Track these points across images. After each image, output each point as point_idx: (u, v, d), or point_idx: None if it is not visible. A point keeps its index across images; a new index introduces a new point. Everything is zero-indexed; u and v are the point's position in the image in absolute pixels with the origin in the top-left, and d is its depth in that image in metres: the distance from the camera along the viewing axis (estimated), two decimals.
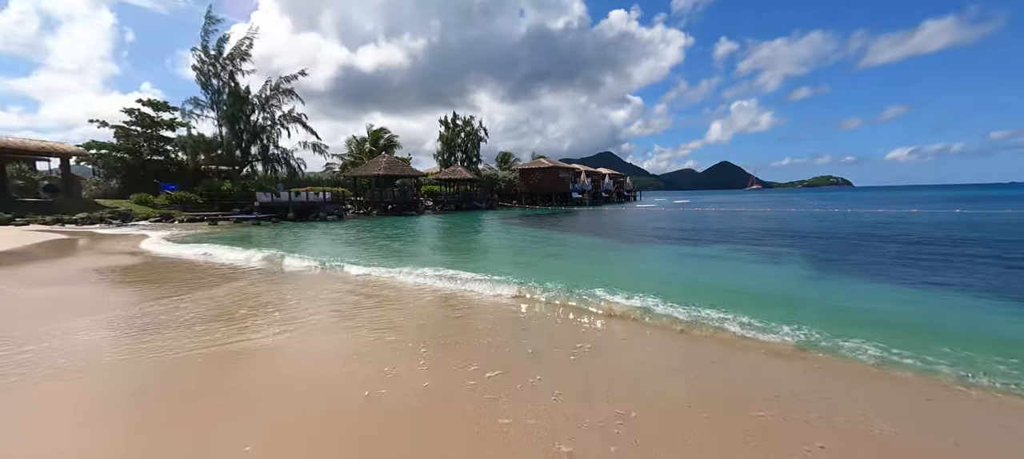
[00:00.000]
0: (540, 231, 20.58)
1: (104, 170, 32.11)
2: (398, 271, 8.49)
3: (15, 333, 5.04)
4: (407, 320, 5.66)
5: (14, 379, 3.72)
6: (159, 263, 10.43)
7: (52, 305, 6.52)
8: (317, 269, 9.32)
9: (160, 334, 4.99)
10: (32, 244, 13.81)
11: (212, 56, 32.20)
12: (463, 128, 55.83)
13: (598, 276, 8.14)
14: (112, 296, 7.22)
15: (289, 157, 37.77)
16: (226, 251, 11.56)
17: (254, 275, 8.86)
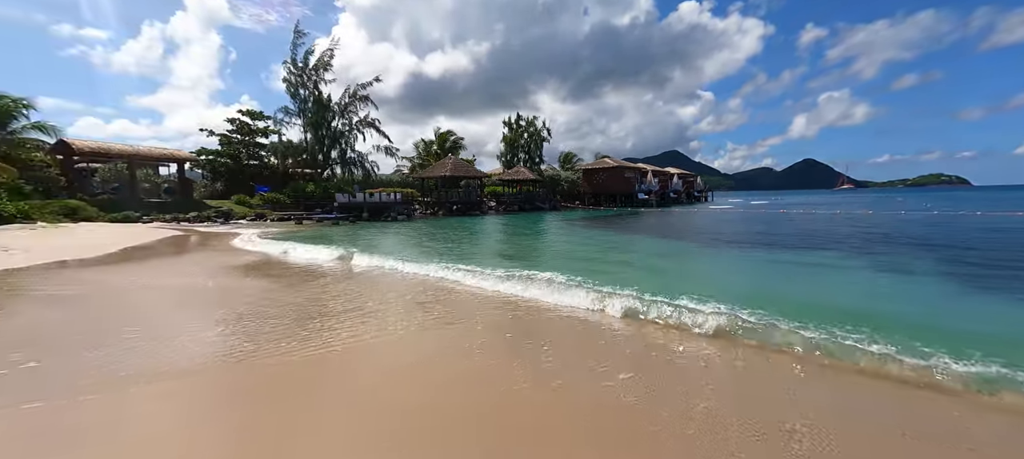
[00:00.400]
0: (610, 234, 19.78)
1: (210, 174, 36.15)
2: (475, 272, 8.36)
3: (134, 327, 5.51)
4: (502, 323, 5.49)
5: (124, 374, 3.98)
6: (262, 261, 11.28)
7: (170, 300, 7.16)
8: (403, 272, 9.35)
9: (260, 326, 5.20)
10: (156, 240, 15.73)
11: (300, 67, 35.04)
12: (526, 129, 55.83)
13: (686, 284, 7.43)
14: (216, 294, 7.82)
15: (364, 160, 40.07)
16: (321, 252, 11.86)
17: (358, 278, 9.14)
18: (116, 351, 4.42)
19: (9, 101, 24.21)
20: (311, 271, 9.58)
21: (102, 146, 28.41)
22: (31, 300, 6.87)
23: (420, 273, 8.96)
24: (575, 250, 14.22)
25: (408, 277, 8.78)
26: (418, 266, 9.42)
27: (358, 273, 9.25)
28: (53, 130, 26.05)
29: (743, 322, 5.09)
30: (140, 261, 11.06)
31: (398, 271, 9.31)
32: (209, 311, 6.29)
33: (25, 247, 11.43)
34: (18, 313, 6.16)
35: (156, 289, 7.87)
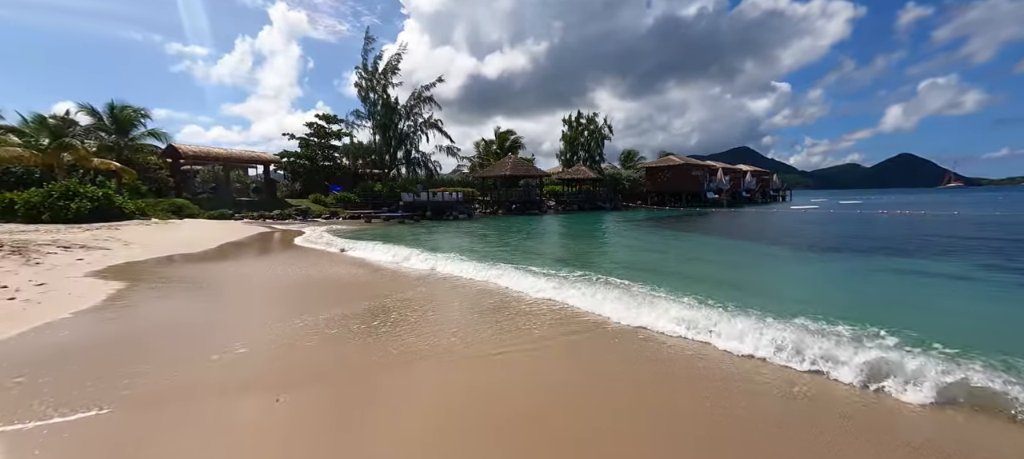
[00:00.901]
0: (684, 235, 18.53)
1: (291, 174, 39.04)
2: (540, 277, 7.85)
3: (220, 330, 5.70)
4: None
5: (220, 378, 4.01)
6: (343, 261, 11.72)
7: (258, 297, 7.49)
8: (468, 277, 9.07)
9: (344, 331, 5.18)
10: (247, 237, 17.07)
11: (370, 72, 36.80)
12: (586, 126, 54.60)
13: (812, 306, 5.93)
14: (304, 292, 8.10)
15: (427, 160, 41.28)
16: (391, 252, 11.85)
17: (427, 281, 9.20)
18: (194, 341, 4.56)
19: (131, 111, 27.77)
20: (385, 272, 9.71)
21: (203, 150, 31.65)
22: (155, 287, 7.52)
23: (482, 278, 8.45)
24: (647, 256, 13.19)
25: (473, 283, 8.28)
26: (481, 269, 8.96)
27: (426, 276, 9.22)
28: (164, 136, 29.49)
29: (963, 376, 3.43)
30: (234, 258, 11.94)
31: (462, 277, 8.84)
32: (297, 308, 6.46)
33: (143, 242, 12.78)
34: (143, 299, 6.72)
35: (249, 286, 8.32)
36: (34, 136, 22.69)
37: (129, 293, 6.94)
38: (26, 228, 14.82)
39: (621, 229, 22.71)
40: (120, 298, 6.54)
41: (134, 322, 5.56)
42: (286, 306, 6.75)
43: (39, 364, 4.00)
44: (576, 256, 12.91)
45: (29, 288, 6.47)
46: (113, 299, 6.42)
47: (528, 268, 8.75)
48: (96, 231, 14.17)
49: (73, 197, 18.24)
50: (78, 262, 9.03)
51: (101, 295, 6.54)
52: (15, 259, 8.66)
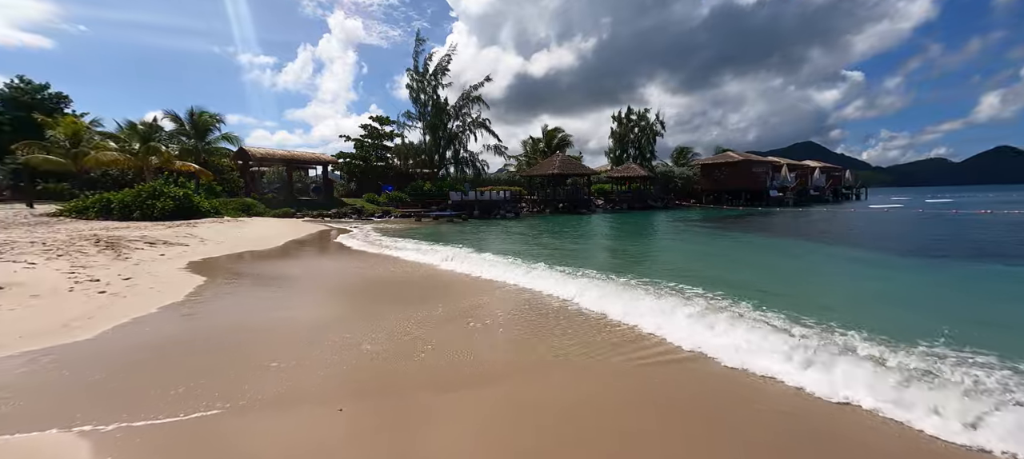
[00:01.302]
0: (755, 238, 17.19)
1: (347, 174, 40.79)
2: (593, 286, 7.20)
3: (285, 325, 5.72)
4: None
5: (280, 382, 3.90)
6: (396, 262, 11.84)
7: (320, 295, 7.58)
8: (516, 284, 8.57)
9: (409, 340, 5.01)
10: (308, 234, 17.83)
11: (420, 74, 37.64)
12: (637, 123, 52.79)
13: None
14: (366, 293, 8.13)
15: (475, 159, 41.63)
16: (442, 252, 11.71)
17: (492, 290, 8.90)
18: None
19: (208, 116, 30.18)
20: (441, 276, 9.61)
21: (268, 152, 33.76)
22: (229, 282, 7.87)
23: (543, 288, 7.45)
24: (718, 262, 12.07)
25: (537, 297, 7.15)
26: (537, 276, 8.14)
27: (485, 283, 8.99)
28: (236, 140, 31.75)
29: None
30: (299, 257, 12.41)
31: (517, 285, 7.93)
32: (359, 310, 6.43)
33: (217, 239, 13.63)
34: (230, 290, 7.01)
35: (313, 287, 8.50)
36: (127, 141, 25.14)
37: (205, 289, 7.26)
38: (119, 225, 16.35)
39: (679, 230, 21.50)
40: (197, 295, 6.82)
41: (207, 321, 5.72)
42: (348, 307, 6.77)
43: (124, 363, 4.13)
44: (635, 261, 12.21)
45: (117, 282, 6.92)
46: (191, 297, 6.70)
47: (585, 274, 8.26)
48: (177, 228, 15.33)
49: (158, 197, 19.96)
50: (160, 257, 9.68)
51: (180, 291, 6.87)
52: (108, 254, 9.41)
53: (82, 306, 5.52)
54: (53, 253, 8.97)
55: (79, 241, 10.76)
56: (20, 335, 4.43)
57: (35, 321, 4.83)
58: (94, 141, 26.08)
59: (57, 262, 8.07)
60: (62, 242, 10.53)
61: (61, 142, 24.72)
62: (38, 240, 10.77)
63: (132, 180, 24.35)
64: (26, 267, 7.41)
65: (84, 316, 5.14)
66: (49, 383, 3.56)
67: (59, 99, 34.79)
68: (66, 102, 35.19)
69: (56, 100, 34.49)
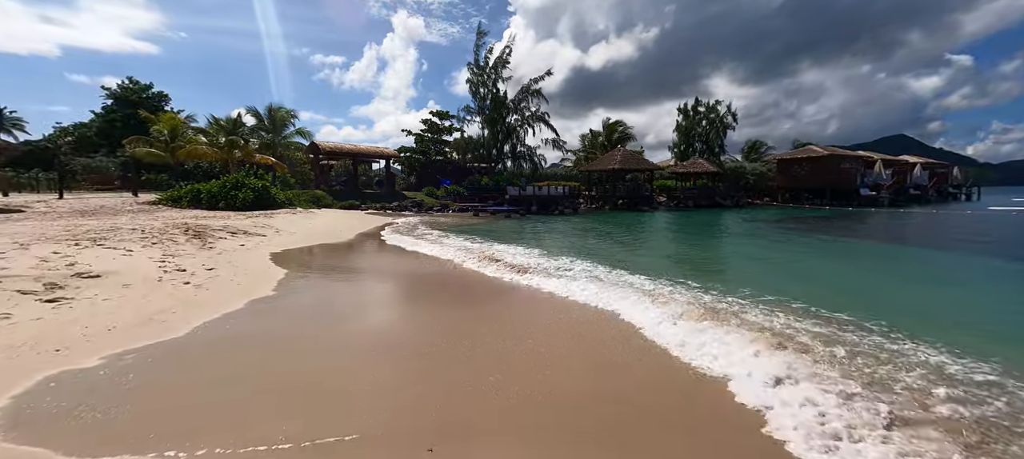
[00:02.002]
0: (869, 247, 15.07)
1: (407, 168, 41.82)
2: (669, 302, 6.23)
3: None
4: None
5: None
6: (465, 271, 11.49)
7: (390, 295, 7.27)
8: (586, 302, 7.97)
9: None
10: (375, 227, 18.13)
11: (480, 67, 37.55)
12: (705, 115, 49.40)
13: None
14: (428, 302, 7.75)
15: (533, 154, 40.99)
16: (510, 253, 10.90)
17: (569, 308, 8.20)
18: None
19: (284, 112, 32.09)
20: (520, 290, 9.04)
21: (337, 146, 35.35)
22: (306, 277, 7.85)
23: (597, 303, 6.31)
24: (829, 276, 10.04)
25: (582, 308, 6.23)
26: (594, 288, 6.96)
27: (557, 299, 8.30)
28: (308, 134, 33.50)
29: None
30: (371, 252, 12.47)
31: (573, 299, 6.70)
32: (439, 325, 6.01)
33: (291, 229, 14.10)
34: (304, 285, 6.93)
35: (391, 289, 8.28)
36: (215, 135, 27.24)
37: (287, 283, 7.18)
38: (207, 214, 17.57)
39: (766, 233, 19.20)
40: (280, 291, 6.70)
41: (290, 323, 5.52)
42: (433, 321, 6.34)
43: (212, 376, 3.92)
44: (723, 269, 10.92)
45: (202, 273, 7.04)
46: (274, 292, 6.60)
47: (671, 290, 7.25)
48: (255, 218, 16.13)
49: (240, 188, 21.32)
50: (240, 248, 9.99)
51: (263, 285, 6.83)
52: (195, 243, 9.84)
53: (169, 298, 5.54)
54: (148, 241, 9.49)
55: (171, 229, 11.45)
56: (109, 328, 4.40)
57: (125, 313, 4.84)
58: (188, 136, 28.57)
59: (151, 250, 8.46)
60: (157, 230, 11.25)
61: (161, 137, 27.28)
62: (138, 227, 11.61)
63: (219, 172, 26.37)
64: (124, 254, 7.79)
65: (170, 309, 5.12)
66: (132, 392, 3.37)
67: (160, 98, 38.70)
68: (166, 100, 39.09)
69: (158, 99, 38.39)
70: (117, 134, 32.45)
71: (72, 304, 4.84)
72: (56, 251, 7.41)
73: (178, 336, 4.43)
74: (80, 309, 4.74)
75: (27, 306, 4.65)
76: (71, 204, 19.92)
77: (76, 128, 36.99)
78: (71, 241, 8.72)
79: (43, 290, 5.13)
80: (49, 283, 5.35)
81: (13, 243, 8.23)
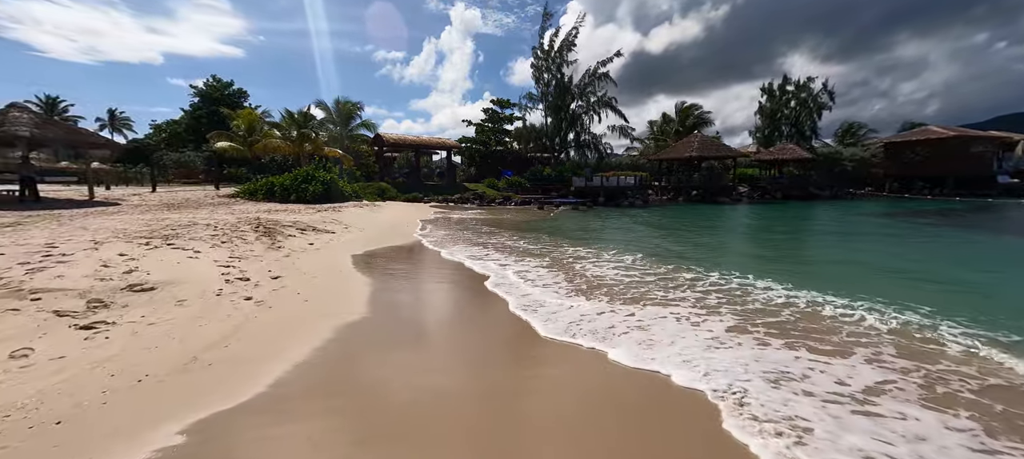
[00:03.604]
0: None
1: (468, 159, 41.06)
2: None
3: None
4: None
5: None
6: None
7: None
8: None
9: None
10: (440, 220, 17.08)
11: (545, 52, 35.61)
12: (794, 95, 43.89)
13: None
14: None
15: (598, 142, 38.53)
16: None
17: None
18: None
19: (351, 104, 32.33)
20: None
21: (400, 137, 35.21)
22: (389, 290, 6.70)
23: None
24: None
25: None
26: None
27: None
28: (373, 126, 33.61)
29: None
30: (452, 257, 11.29)
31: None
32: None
33: (359, 225, 13.34)
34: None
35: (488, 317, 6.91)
36: (287, 129, 27.82)
37: (376, 300, 5.95)
38: (279, 207, 17.48)
39: (919, 236, 15.13)
40: (369, 314, 5.31)
41: (406, 378, 4.21)
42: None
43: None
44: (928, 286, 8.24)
45: (266, 283, 6.04)
46: (363, 319, 5.13)
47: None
48: (324, 212, 15.66)
49: (310, 181, 21.30)
50: (309, 247, 9.13)
51: (345, 305, 5.53)
52: (264, 242, 9.10)
53: (225, 321, 4.46)
54: (218, 239, 8.88)
55: (243, 225, 10.95)
56: (140, 379, 3.27)
57: (168, 350, 3.75)
58: (264, 130, 29.53)
59: (218, 251, 7.73)
60: (229, 226, 10.78)
61: (239, 131, 28.35)
62: (213, 223, 11.26)
63: (291, 165, 26.93)
64: (191, 256, 7.05)
65: (223, 342, 3.98)
66: None
67: (240, 94, 40.81)
68: (244, 96, 41.18)
69: (238, 95, 40.51)
70: (202, 129, 34.51)
71: (110, 332, 3.85)
72: (123, 253, 6.77)
73: (227, 408, 3.01)
74: (117, 341, 3.72)
75: (58, 334, 3.71)
76: (161, 197, 20.93)
77: (168, 125, 40.06)
78: (144, 239, 8.24)
79: (85, 310, 4.22)
80: (94, 300, 4.45)
81: (89, 242, 7.84)
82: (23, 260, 5.90)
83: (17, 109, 16.63)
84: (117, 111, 61.35)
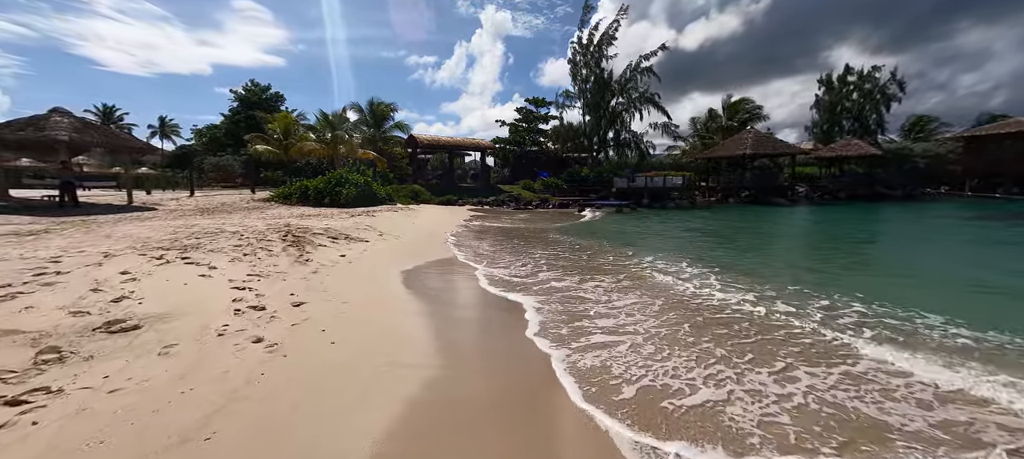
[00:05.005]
0: None
1: (501, 160, 39.80)
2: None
3: None
4: None
5: None
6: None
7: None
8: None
9: None
10: (483, 227, 15.75)
11: (583, 46, 33.86)
12: (858, 86, 40.14)
13: None
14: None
15: (639, 140, 36.40)
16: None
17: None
18: None
19: (384, 106, 31.67)
20: None
21: (434, 138, 34.42)
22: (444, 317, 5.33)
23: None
24: None
25: None
26: None
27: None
28: (406, 127, 32.84)
29: None
30: (526, 272, 9.91)
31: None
32: None
33: (395, 232, 12.16)
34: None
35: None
36: (322, 131, 27.36)
37: (448, 359, 4.60)
38: (312, 211, 16.67)
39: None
40: (435, 373, 3.73)
41: None
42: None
43: None
44: None
45: (286, 312, 4.76)
46: (415, 406, 3.51)
47: None
48: (358, 217, 14.63)
49: (343, 184, 20.50)
50: (341, 261, 7.93)
51: (392, 371, 3.84)
52: (291, 252, 7.98)
53: (219, 385, 3.14)
54: (241, 250, 7.84)
55: (271, 233, 9.94)
56: None
57: (113, 447, 2.41)
58: (300, 133, 29.26)
59: (238, 266, 6.61)
60: (257, 234, 9.81)
61: (275, 135, 28.15)
62: (240, 230, 10.34)
63: (326, 168, 26.44)
64: (204, 274, 5.93)
65: (205, 425, 2.64)
66: None
67: (277, 98, 41.25)
68: (281, 100, 41.61)
69: (275, 99, 40.94)
70: (241, 134, 34.85)
71: (42, 412, 2.58)
72: (126, 271, 5.72)
73: None
74: (43, 433, 2.41)
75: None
76: (197, 202, 20.68)
77: (208, 130, 40.93)
78: (161, 252, 7.26)
79: (28, 366, 3.00)
80: (49, 350, 3.25)
81: (100, 255, 6.92)
82: (5, 282, 4.87)
83: (58, 113, 16.52)
84: (167, 119, 64.08)
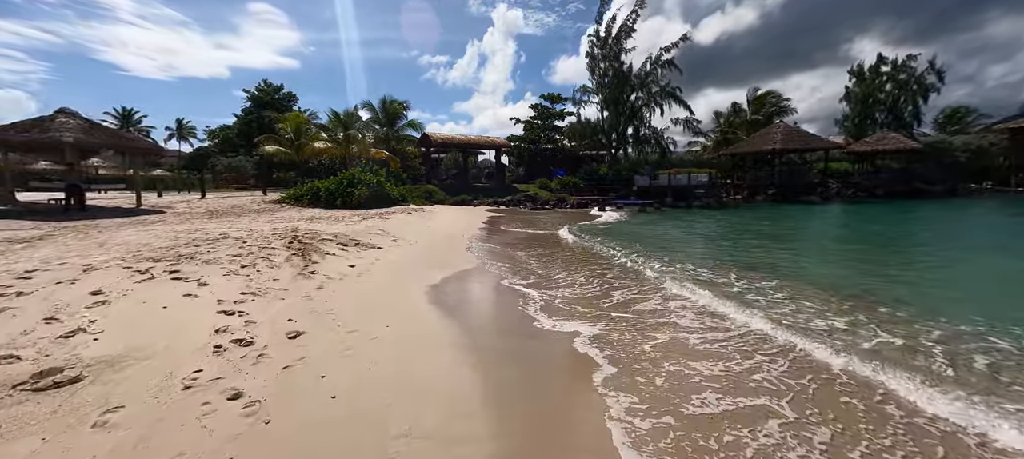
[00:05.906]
0: None
1: (516, 159, 38.75)
2: None
3: None
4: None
5: None
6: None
7: None
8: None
9: None
10: (511, 234, 14.75)
11: (602, 39, 32.59)
12: (891, 76, 38.07)
13: None
14: None
15: (660, 137, 34.99)
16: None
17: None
18: None
19: (397, 104, 30.90)
20: None
21: (448, 136, 33.52)
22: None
23: None
24: None
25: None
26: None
27: None
28: (419, 126, 32.03)
29: None
30: (541, 282, 8.91)
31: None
32: None
33: (409, 237, 11.24)
34: None
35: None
36: (334, 130, 26.67)
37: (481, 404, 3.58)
38: (323, 213, 15.89)
39: None
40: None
41: None
42: None
43: None
44: None
45: (279, 348, 3.81)
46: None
47: None
48: (370, 220, 13.76)
49: (355, 184, 19.71)
50: (349, 272, 7.01)
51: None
52: (295, 263, 7.09)
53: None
54: (239, 260, 6.98)
55: (276, 240, 9.09)
56: None
57: None
58: (311, 132, 28.65)
59: (232, 283, 5.73)
60: (262, 240, 8.97)
61: (287, 135, 27.57)
62: (244, 236, 9.53)
63: (338, 168, 25.74)
64: (190, 294, 5.03)
65: None
66: None
67: (289, 98, 40.84)
68: (293, 100, 41.18)
69: (287, 99, 40.54)
70: (253, 134, 34.46)
71: None
72: (98, 291, 4.88)
73: None
74: None
75: None
76: (207, 204, 20.11)
77: (221, 131, 40.74)
78: (149, 264, 6.43)
79: None
80: None
81: (81, 267, 6.14)
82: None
83: (64, 114, 16.01)
84: (185, 121, 64.59)
